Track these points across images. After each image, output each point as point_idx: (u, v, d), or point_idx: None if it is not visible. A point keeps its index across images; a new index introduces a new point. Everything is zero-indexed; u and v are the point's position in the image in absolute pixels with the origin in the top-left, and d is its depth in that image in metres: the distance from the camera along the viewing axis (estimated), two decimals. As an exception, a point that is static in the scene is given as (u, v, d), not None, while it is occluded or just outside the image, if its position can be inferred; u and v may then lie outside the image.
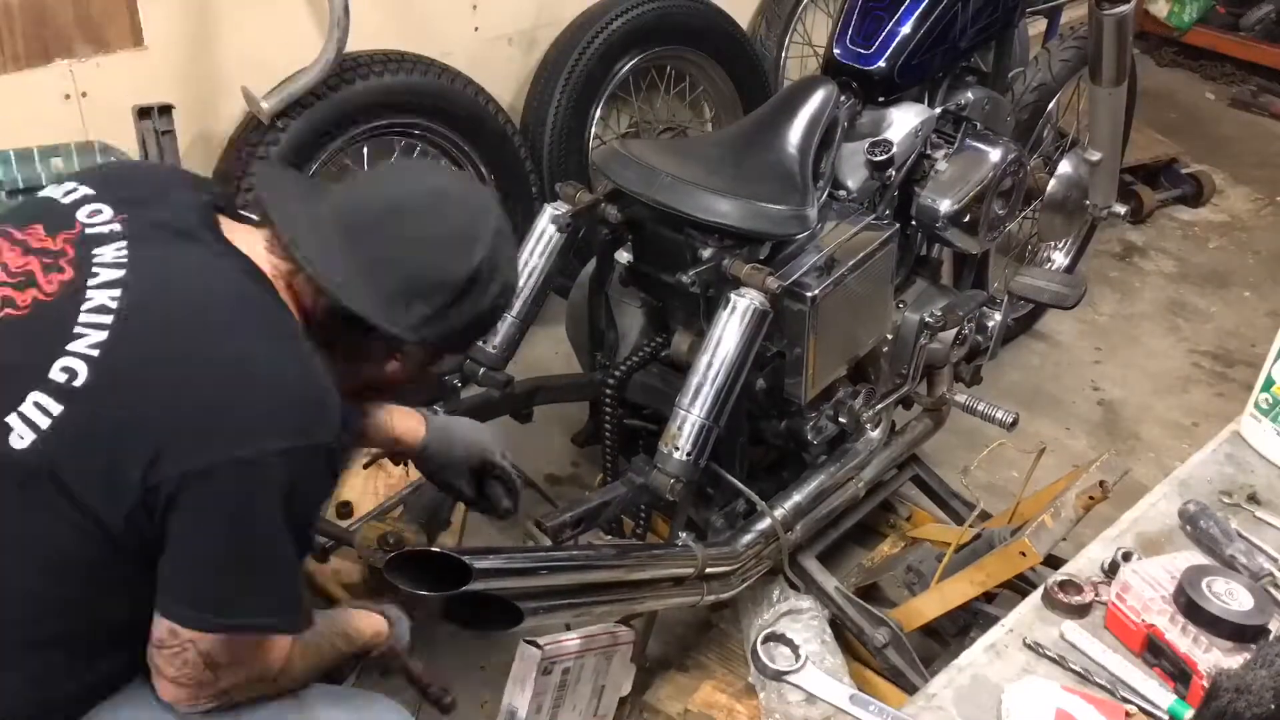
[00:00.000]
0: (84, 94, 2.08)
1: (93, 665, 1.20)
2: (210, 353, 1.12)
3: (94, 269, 1.15)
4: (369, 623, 1.47)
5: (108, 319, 1.12)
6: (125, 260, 1.16)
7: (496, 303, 1.33)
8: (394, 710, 1.38)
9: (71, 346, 1.11)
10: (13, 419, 1.09)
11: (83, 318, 1.12)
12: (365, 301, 1.21)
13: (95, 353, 1.10)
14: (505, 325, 1.84)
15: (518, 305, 1.84)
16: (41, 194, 1.27)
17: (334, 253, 1.22)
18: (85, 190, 1.23)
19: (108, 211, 1.20)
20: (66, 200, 1.22)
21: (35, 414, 1.09)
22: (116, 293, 1.13)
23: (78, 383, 1.09)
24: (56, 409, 1.09)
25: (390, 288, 1.23)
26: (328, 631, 1.37)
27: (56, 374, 1.10)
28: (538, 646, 1.63)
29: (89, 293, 1.13)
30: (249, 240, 1.23)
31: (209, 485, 1.09)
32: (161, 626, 1.15)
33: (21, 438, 1.09)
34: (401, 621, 1.54)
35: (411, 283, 1.24)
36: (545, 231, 1.84)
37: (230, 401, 1.11)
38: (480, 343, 1.84)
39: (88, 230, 1.18)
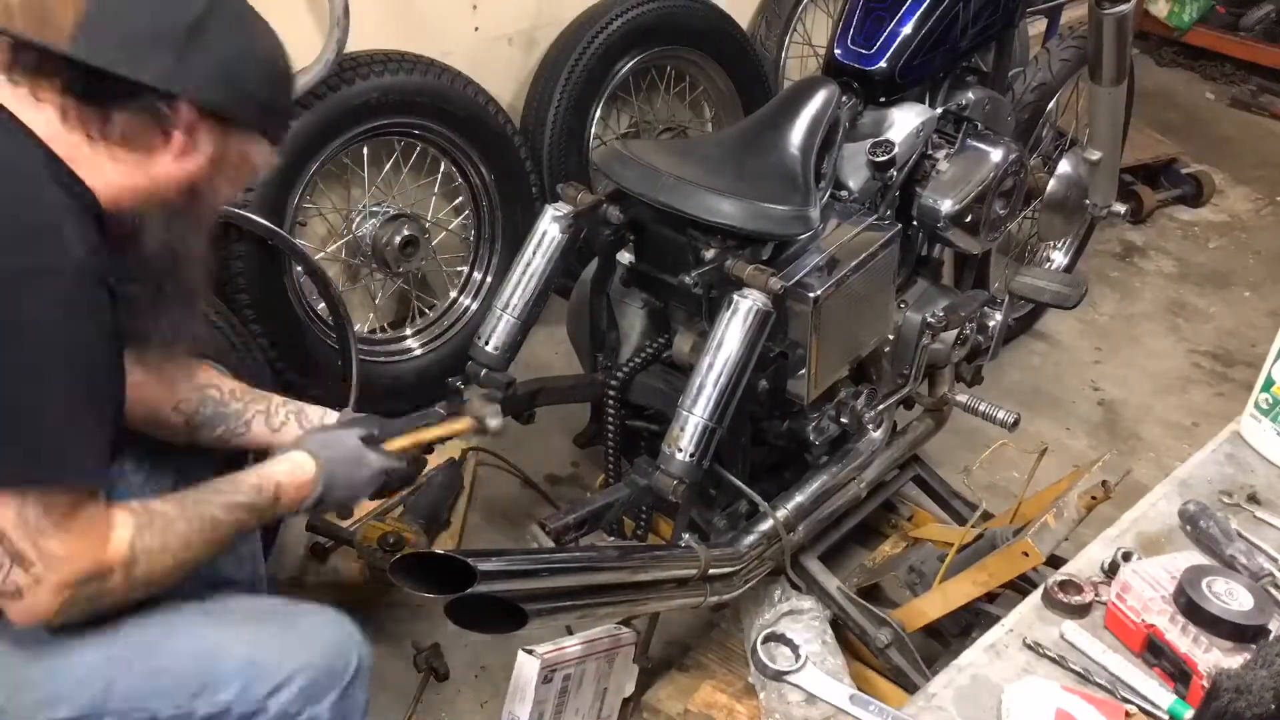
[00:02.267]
0: (85, 94, 2.07)
1: None
2: None
3: None
4: (282, 472, 1.36)
5: None
6: None
7: (246, 48, 1.28)
8: (334, 622, 1.34)
9: None
10: None
11: None
12: (96, 55, 1.18)
13: None
14: (507, 325, 1.84)
15: (519, 306, 1.84)
16: None
17: (63, 37, 1.19)
18: None
19: None
20: None
21: None
22: None
23: None
24: None
25: (119, 42, 1.19)
26: (208, 500, 1.29)
27: None
28: (536, 655, 1.63)
29: None
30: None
31: None
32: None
33: None
34: (338, 445, 1.44)
35: (141, 33, 1.21)
36: (546, 232, 1.84)
37: None
38: (482, 343, 1.84)
39: None
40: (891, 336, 2.01)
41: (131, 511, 1.21)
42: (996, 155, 2.02)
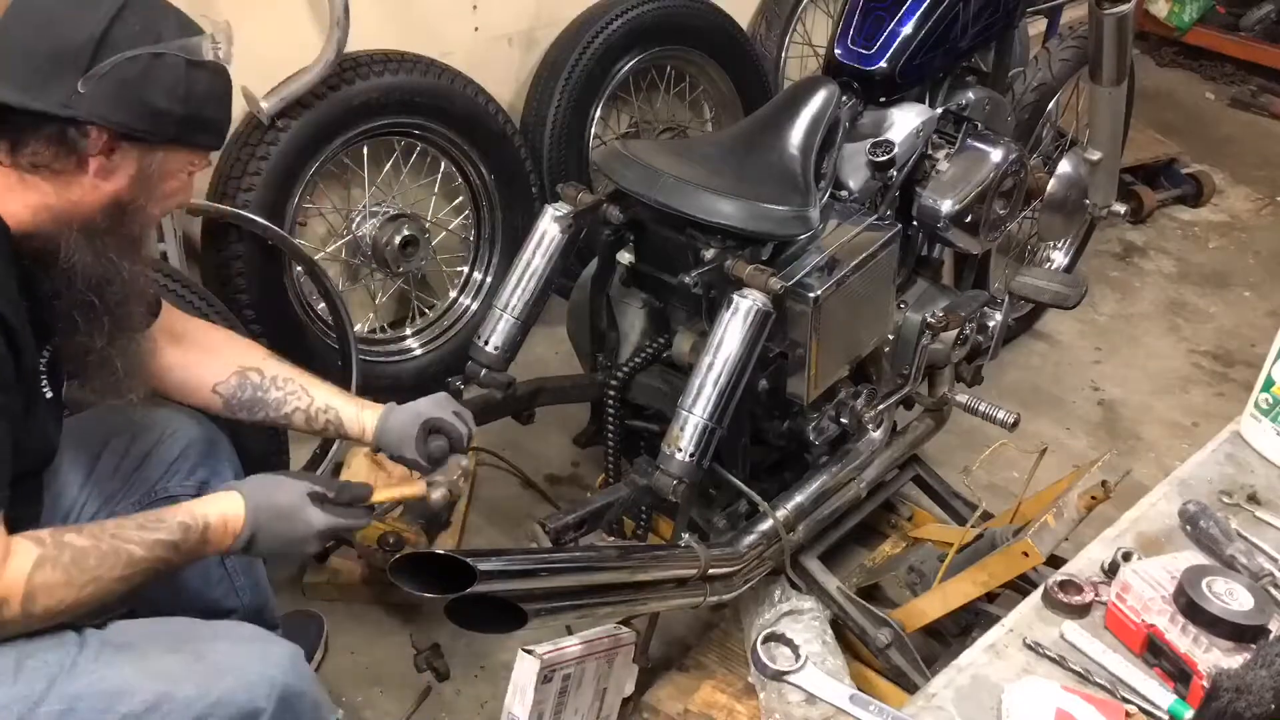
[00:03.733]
0: (85, 94, 2.07)
1: None
2: None
3: None
4: (213, 514, 1.30)
5: None
6: None
7: (156, 61, 1.21)
8: (250, 642, 1.32)
9: None
10: None
11: None
12: None
13: None
14: (507, 325, 1.84)
15: (519, 306, 1.84)
16: None
17: None
18: None
19: None
20: None
21: None
22: None
23: None
24: None
25: (18, 71, 1.17)
26: (129, 535, 1.24)
27: None
28: (536, 655, 1.62)
29: None
30: None
31: None
32: None
33: None
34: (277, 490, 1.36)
35: (39, 60, 1.18)
36: (546, 232, 1.84)
37: None
38: (482, 343, 1.84)
39: None
40: (891, 336, 2.00)
41: (38, 541, 1.18)
42: (996, 155, 2.02)
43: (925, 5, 1.96)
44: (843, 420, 1.95)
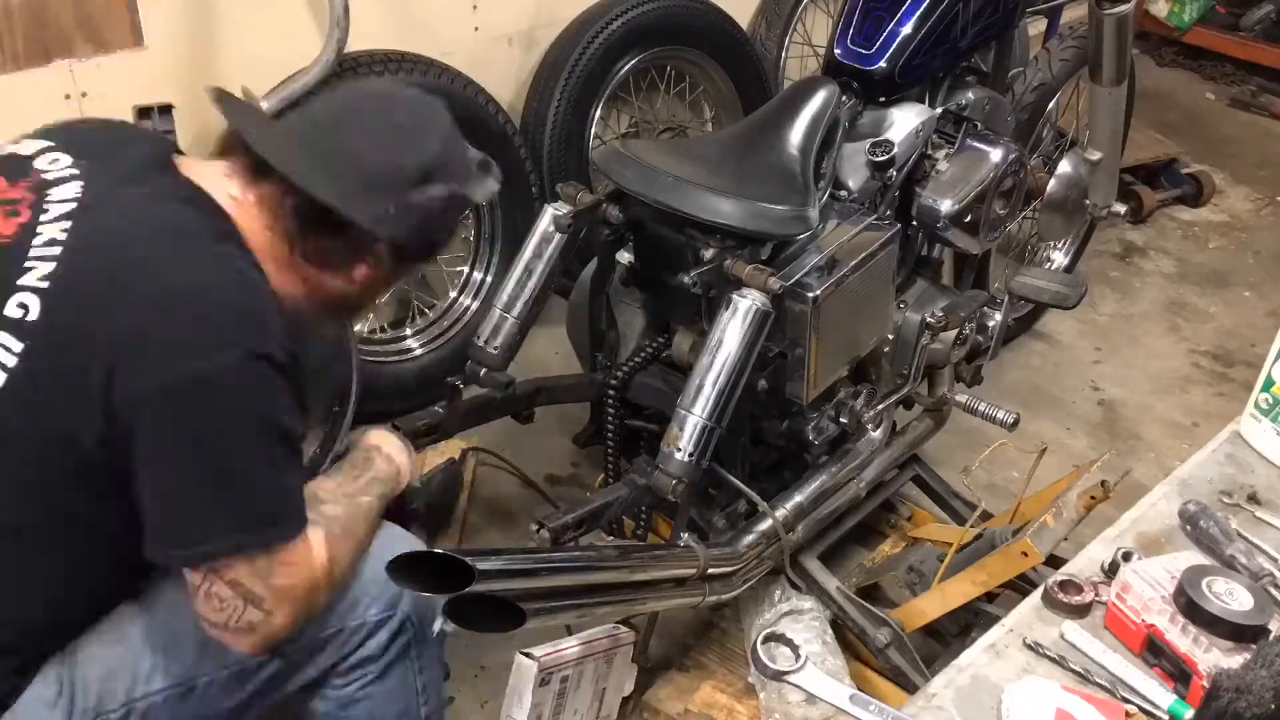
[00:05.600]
0: (84, 94, 2.08)
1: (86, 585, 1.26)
2: (142, 281, 1.17)
3: (45, 206, 1.21)
4: (390, 447, 1.49)
5: (56, 250, 1.18)
6: (78, 196, 1.22)
7: (453, 200, 1.35)
8: (405, 539, 1.44)
9: (23, 280, 1.16)
10: None
11: (33, 251, 1.18)
12: (329, 192, 1.26)
13: (45, 284, 1.16)
14: (506, 325, 1.84)
15: (518, 306, 1.84)
16: (3, 151, 1.31)
17: (294, 152, 1.29)
18: (45, 143, 1.29)
19: (65, 159, 1.26)
20: (26, 152, 1.28)
21: (1, 354, 1.15)
22: (66, 224, 1.19)
23: (31, 317, 1.15)
24: (18, 346, 1.15)
25: (350, 180, 1.28)
26: (357, 491, 1.39)
27: (12, 310, 1.16)
28: (533, 658, 1.62)
29: (40, 228, 1.19)
30: (207, 173, 1.30)
31: (160, 409, 1.14)
32: (182, 576, 1.22)
33: None
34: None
35: (369, 175, 1.29)
36: (546, 232, 1.84)
37: (163, 324, 1.15)
38: (481, 343, 1.84)
39: (44, 175, 1.24)
40: (891, 336, 2.00)
41: (315, 524, 1.28)
42: (996, 155, 2.02)
43: (925, 5, 1.96)
44: (842, 420, 1.95)
